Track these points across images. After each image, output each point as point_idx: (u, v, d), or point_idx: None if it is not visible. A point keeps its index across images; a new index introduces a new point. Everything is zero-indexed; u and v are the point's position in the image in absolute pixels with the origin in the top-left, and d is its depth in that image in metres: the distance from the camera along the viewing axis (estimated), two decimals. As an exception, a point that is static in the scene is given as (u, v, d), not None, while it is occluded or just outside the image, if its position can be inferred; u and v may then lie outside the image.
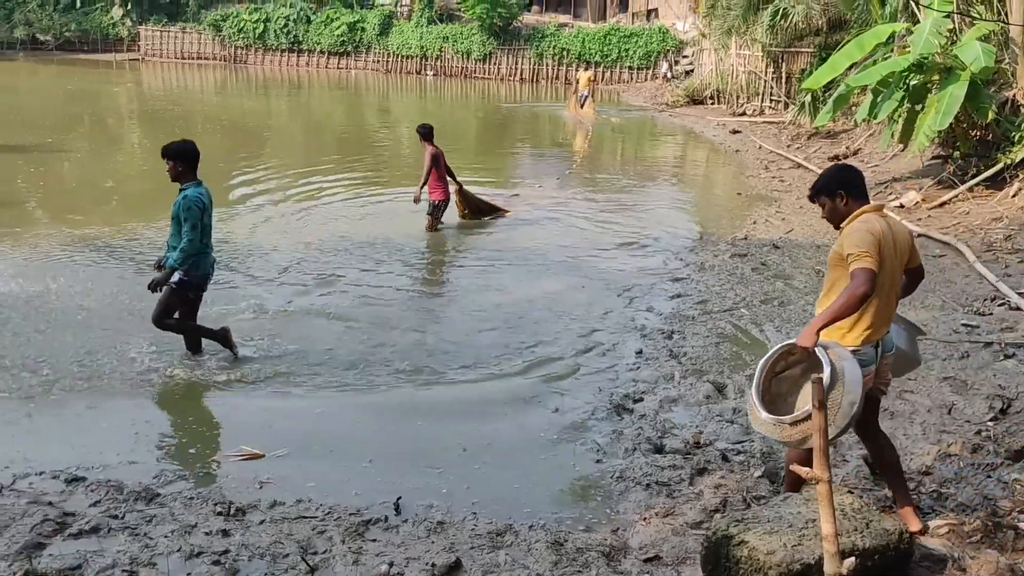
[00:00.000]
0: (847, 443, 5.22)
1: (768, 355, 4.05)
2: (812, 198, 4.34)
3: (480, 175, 15.92)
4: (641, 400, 6.15)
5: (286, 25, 40.49)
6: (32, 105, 25.26)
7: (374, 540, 4.27)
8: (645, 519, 4.52)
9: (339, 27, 39.72)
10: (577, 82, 26.66)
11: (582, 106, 25.59)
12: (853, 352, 3.92)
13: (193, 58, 41.62)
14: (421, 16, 39.05)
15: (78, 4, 42.15)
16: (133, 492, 4.60)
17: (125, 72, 37.72)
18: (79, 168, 15.67)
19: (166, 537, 4.16)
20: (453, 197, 11.33)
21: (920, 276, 4.37)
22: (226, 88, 34.50)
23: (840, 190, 4.18)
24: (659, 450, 5.35)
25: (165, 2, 42.19)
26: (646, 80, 35.33)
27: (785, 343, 4.05)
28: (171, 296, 6.42)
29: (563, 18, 40.23)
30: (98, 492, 4.60)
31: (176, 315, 6.54)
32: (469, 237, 11.15)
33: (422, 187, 10.91)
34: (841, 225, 4.18)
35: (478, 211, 11.87)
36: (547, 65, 37.37)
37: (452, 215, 11.50)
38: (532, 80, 37.33)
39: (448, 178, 11.16)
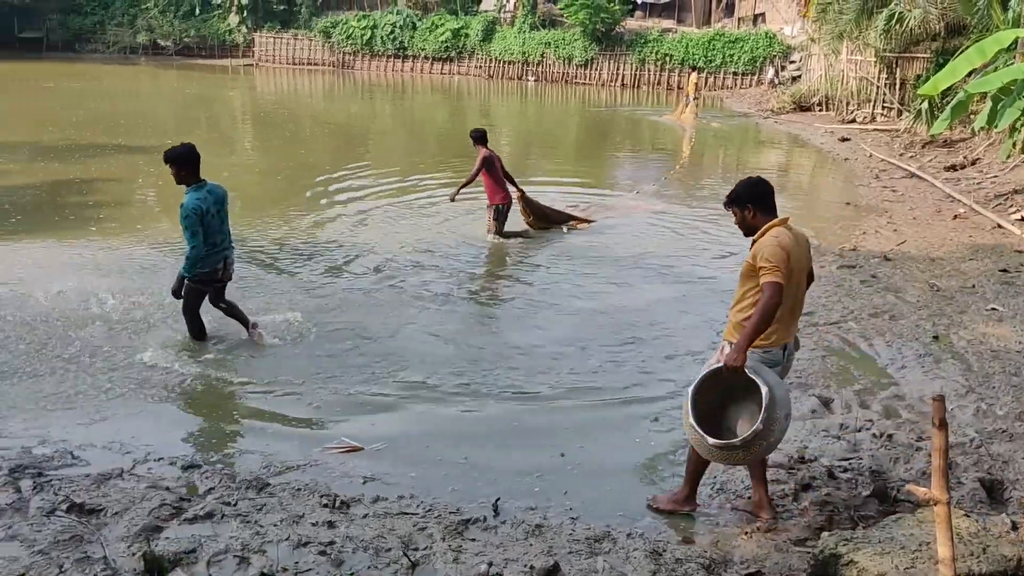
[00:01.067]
0: (963, 465, 5.01)
1: (696, 380, 4.30)
2: (726, 206, 4.64)
3: (579, 179, 15.96)
4: (743, 412, 6.03)
5: (392, 32, 41.41)
6: (154, 109, 26.58)
7: (473, 539, 4.32)
8: (747, 533, 4.43)
9: (443, 33, 40.38)
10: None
11: (684, 110, 25.41)
12: (766, 352, 4.30)
13: (303, 63, 42.99)
14: (524, 22, 39.32)
15: (197, 11, 44.13)
16: (245, 480, 4.78)
17: (240, 77, 39.24)
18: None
19: (275, 526, 4.31)
20: (516, 203, 11.11)
21: (811, 280, 4.66)
22: (333, 92, 35.50)
23: (749, 203, 4.48)
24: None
25: (279, 9, 43.72)
26: (751, 86, 34.70)
27: (711, 368, 4.29)
28: (191, 294, 6.92)
29: (666, 23, 39.86)
30: (212, 479, 4.80)
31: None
32: (562, 243, 11.11)
33: (461, 188, 10.82)
34: (753, 237, 4.47)
35: (546, 219, 11.50)
36: (649, 70, 37.11)
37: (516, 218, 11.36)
38: (633, 86, 37.13)
39: (509, 183, 10.91)
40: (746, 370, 4.09)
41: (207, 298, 7.08)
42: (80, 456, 5.12)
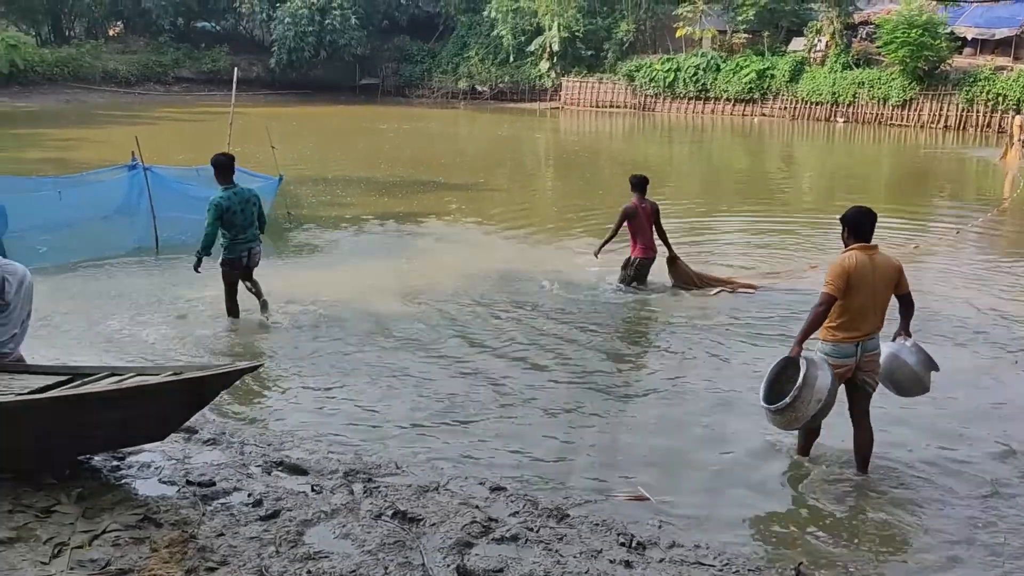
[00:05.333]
0: None
1: (774, 365, 5.44)
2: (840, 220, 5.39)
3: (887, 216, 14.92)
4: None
5: (695, 74, 41.45)
6: (469, 149, 28.74)
7: (774, 602, 4.16)
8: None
9: (748, 74, 39.69)
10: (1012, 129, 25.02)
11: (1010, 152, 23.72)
12: (835, 345, 5.25)
13: (606, 106, 44.29)
14: (836, 61, 37.63)
15: (511, 59, 47.10)
16: (546, 508, 4.97)
17: (546, 119, 41.26)
18: (494, 205, 17.36)
19: (575, 557, 4.42)
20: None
21: (908, 301, 5.44)
22: (633, 134, 36.20)
23: (846, 226, 5.29)
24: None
25: (586, 55, 45.46)
26: (1105, 129, 30.47)
27: (783, 357, 5.40)
28: (226, 277, 8.43)
29: (1001, 60, 36.13)
30: (517, 503, 5.04)
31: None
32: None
33: (604, 244, 10.28)
34: None
35: (691, 285, 10.25)
36: (977, 111, 33.87)
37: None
38: (958, 128, 34.05)
39: (662, 242, 10.22)
40: (799, 359, 5.20)
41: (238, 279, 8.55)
42: (402, 466, 5.61)
